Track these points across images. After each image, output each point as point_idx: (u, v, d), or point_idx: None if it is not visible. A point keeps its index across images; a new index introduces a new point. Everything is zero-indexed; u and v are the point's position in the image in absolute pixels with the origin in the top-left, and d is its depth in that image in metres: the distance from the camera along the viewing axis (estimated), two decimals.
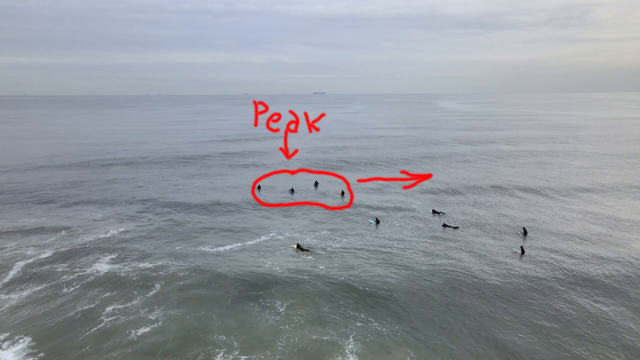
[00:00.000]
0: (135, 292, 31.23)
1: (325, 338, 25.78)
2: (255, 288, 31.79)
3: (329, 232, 43.76)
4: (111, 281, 33.01)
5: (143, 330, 26.71)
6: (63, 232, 43.96)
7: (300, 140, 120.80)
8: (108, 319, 27.84)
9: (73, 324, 27.54)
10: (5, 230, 44.60)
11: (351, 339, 25.59)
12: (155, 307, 29.21)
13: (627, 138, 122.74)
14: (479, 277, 33.69)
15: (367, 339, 25.63)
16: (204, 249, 39.51)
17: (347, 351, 24.52)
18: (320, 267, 35.25)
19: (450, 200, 56.49)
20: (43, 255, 37.90)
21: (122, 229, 44.75)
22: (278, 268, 35.14)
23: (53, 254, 38.16)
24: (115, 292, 31.25)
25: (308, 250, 38.44)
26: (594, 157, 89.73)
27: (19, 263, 36.37)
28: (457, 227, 45.15)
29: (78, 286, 32.34)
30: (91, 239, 41.80)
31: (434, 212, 50.63)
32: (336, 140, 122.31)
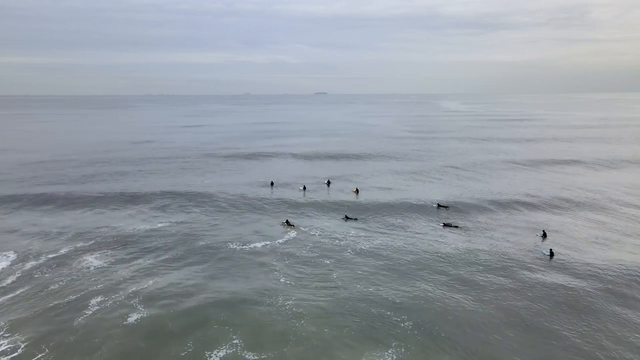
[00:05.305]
0: (136, 286, 30.85)
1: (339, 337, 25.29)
2: (260, 288, 31.10)
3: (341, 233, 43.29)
4: (109, 275, 32.81)
5: (141, 321, 26.56)
6: (73, 228, 43.54)
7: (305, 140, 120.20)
8: (102, 311, 27.65)
9: (65, 317, 27.24)
10: (11, 227, 44.14)
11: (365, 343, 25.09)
12: (156, 302, 28.84)
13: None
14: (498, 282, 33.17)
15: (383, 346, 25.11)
16: (209, 247, 38.89)
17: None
18: (334, 273, 34.59)
19: (461, 199, 55.90)
20: (45, 251, 37.53)
21: (126, 226, 44.31)
22: (286, 269, 34.64)
23: (54, 251, 37.82)
24: (112, 285, 30.97)
25: (293, 226, 43.35)
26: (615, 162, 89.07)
27: (20, 258, 36.01)
28: (457, 227, 43.96)
29: (77, 280, 31.96)
30: (97, 236, 41.43)
31: (439, 206, 50.26)
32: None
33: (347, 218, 46.79)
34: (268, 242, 39.65)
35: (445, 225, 44.39)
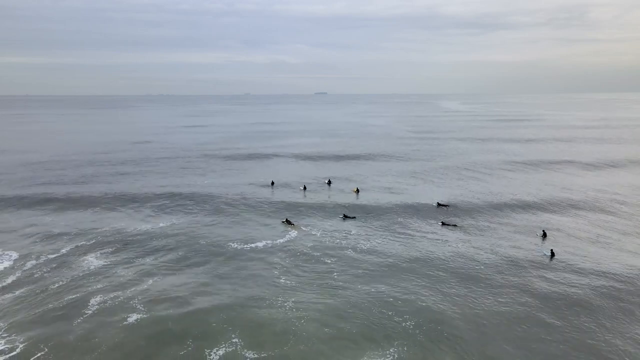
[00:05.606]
0: (136, 286, 30.87)
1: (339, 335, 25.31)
2: (260, 287, 31.15)
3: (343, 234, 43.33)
4: (109, 275, 32.87)
5: (141, 321, 26.63)
6: (76, 226, 43.59)
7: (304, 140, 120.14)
8: (102, 311, 27.72)
9: (65, 317, 27.34)
10: (12, 226, 44.13)
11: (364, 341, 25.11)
12: (156, 301, 28.85)
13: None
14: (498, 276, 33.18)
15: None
16: (209, 247, 38.96)
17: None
18: (335, 272, 34.72)
19: (461, 199, 55.95)
20: (45, 251, 37.51)
21: (126, 226, 44.33)
22: (287, 268, 34.66)
23: (55, 251, 37.83)
24: (112, 285, 31.04)
25: (294, 225, 43.63)
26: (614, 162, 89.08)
27: (21, 257, 36.03)
28: (456, 226, 44.07)
29: (78, 280, 31.99)
30: (97, 236, 41.45)
31: (438, 204, 50.36)
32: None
33: (345, 217, 46.97)
34: (269, 242, 39.70)
35: (443, 224, 44.40)
